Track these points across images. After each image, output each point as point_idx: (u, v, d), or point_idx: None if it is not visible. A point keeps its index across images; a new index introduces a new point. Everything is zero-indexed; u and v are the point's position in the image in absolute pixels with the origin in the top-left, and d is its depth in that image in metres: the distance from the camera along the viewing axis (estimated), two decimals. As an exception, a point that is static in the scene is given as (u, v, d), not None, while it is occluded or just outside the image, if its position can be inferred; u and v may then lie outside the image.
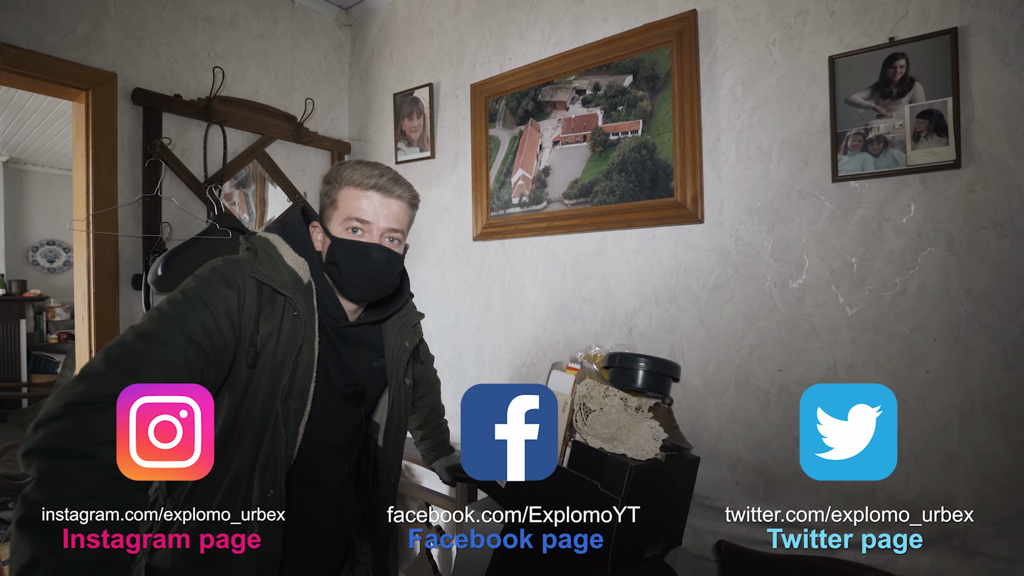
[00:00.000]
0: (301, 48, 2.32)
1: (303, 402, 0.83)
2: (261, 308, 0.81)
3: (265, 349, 0.80)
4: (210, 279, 0.79)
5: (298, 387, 0.82)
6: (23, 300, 4.59)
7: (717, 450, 1.42)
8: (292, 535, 0.88)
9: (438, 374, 1.44)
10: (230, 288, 0.79)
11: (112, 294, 1.77)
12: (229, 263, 0.83)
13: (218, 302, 0.77)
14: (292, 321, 0.82)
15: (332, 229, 0.89)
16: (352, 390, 0.94)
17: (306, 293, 0.85)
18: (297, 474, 0.88)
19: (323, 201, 0.91)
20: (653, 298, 1.54)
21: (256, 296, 0.81)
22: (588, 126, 1.66)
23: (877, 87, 1.18)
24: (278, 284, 0.82)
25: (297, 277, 0.85)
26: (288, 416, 0.81)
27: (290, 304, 0.83)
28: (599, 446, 1.25)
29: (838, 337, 1.25)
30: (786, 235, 1.32)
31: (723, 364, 1.42)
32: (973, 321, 1.11)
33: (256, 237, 0.89)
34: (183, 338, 0.73)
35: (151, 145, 1.81)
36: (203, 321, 0.75)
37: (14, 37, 1.58)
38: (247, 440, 0.80)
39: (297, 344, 0.82)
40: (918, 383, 1.17)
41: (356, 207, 0.87)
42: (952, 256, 1.13)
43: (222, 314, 0.77)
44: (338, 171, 0.89)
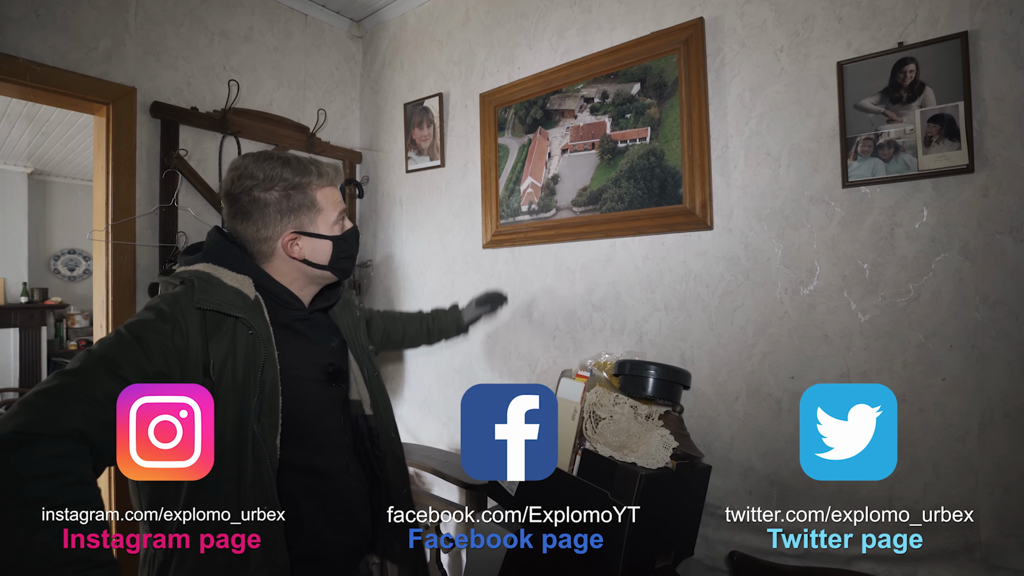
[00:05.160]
0: (314, 60, 2.36)
1: (275, 417, 0.82)
2: (208, 336, 0.80)
3: (223, 374, 0.79)
4: (144, 316, 0.78)
5: (268, 404, 0.82)
6: (44, 308, 4.70)
7: (729, 459, 1.40)
8: (308, 539, 0.88)
9: (452, 383, 1.47)
10: (165, 322, 0.77)
11: (130, 302, 1.80)
12: (164, 299, 0.82)
13: (151, 337, 0.75)
14: (249, 340, 0.82)
15: (326, 230, 0.93)
16: (332, 369, 0.98)
17: (255, 308, 0.85)
18: (299, 467, 0.89)
19: (288, 205, 0.89)
20: (663, 305, 1.54)
21: (199, 325, 0.79)
22: (596, 134, 1.66)
23: (887, 92, 1.17)
24: (226, 307, 0.81)
25: (243, 295, 0.84)
26: (265, 433, 0.81)
27: (243, 324, 0.82)
28: (609, 454, 1.24)
29: (851, 344, 1.24)
30: (796, 241, 1.31)
31: (734, 371, 1.40)
32: (990, 328, 1.09)
33: (185, 271, 0.85)
34: (108, 375, 0.70)
35: (168, 156, 1.86)
36: (133, 358, 0.73)
37: (40, 55, 1.64)
38: (225, 467, 0.79)
39: (260, 362, 0.81)
40: (935, 391, 1.15)
41: (337, 201, 0.96)
42: (967, 261, 1.11)
43: (155, 349, 0.75)
44: (290, 175, 0.88)
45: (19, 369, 4.60)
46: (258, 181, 0.88)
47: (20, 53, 1.60)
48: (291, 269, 0.93)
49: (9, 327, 4.54)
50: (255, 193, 0.88)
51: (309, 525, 0.89)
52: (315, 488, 0.92)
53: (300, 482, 0.89)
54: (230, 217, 0.91)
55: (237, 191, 0.88)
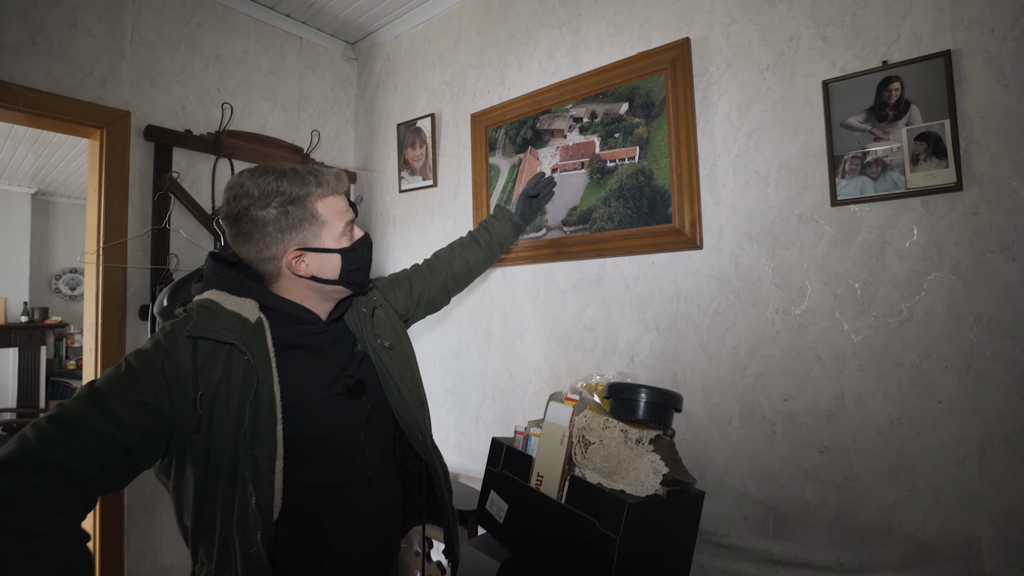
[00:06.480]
0: (308, 82, 2.39)
1: (272, 447, 0.79)
2: (199, 366, 0.78)
3: (216, 402, 0.78)
4: (143, 347, 0.79)
5: (263, 432, 0.78)
6: (44, 327, 4.71)
7: (723, 483, 1.36)
8: (337, 555, 0.87)
9: (444, 404, 1.43)
10: (158, 352, 0.78)
11: (119, 324, 1.80)
12: (162, 328, 0.82)
13: (142, 366, 0.76)
14: (244, 366, 0.79)
15: (332, 243, 0.89)
16: (351, 382, 0.92)
17: (255, 332, 0.82)
18: (321, 486, 0.87)
19: (288, 222, 0.85)
20: (654, 325, 1.51)
21: (190, 354, 0.78)
22: (585, 153, 1.66)
23: (873, 110, 1.16)
24: (219, 334, 0.79)
25: (242, 319, 0.82)
26: (258, 464, 0.77)
27: (237, 350, 0.80)
28: (597, 481, 1.21)
29: (844, 365, 1.21)
30: (787, 260, 1.29)
31: (727, 393, 1.37)
32: (985, 349, 1.06)
33: (192, 301, 0.85)
34: (95, 408, 0.71)
35: (161, 179, 1.86)
36: (122, 389, 0.74)
37: (36, 80, 1.66)
38: (221, 498, 0.77)
39: (251, 389, 0.78)
40: (930, 414, 1.12)
41: (342, 210, 0.91)
42: (959, 280, 1.09)
43: (145, 379, 0.76)
44: (287, 188, 0.85)
45: (17, 389, 4.60)
46: (254, 199, 0.84)
47: (16, 80, 1.62)
48: (301, 287, 0.90)
49: (8, 347, 4.54)
50: (252, 212, 0.84)
51: (337, 541, 0.87)
52: (341, 504, 0.89)
53: (323, 501, 0.87)
54: (232, 240, 0.88)
55: (234, 212, 0.85)
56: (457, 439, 2.05)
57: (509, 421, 1.86)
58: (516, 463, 1.38)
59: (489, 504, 1.41)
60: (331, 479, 0.89)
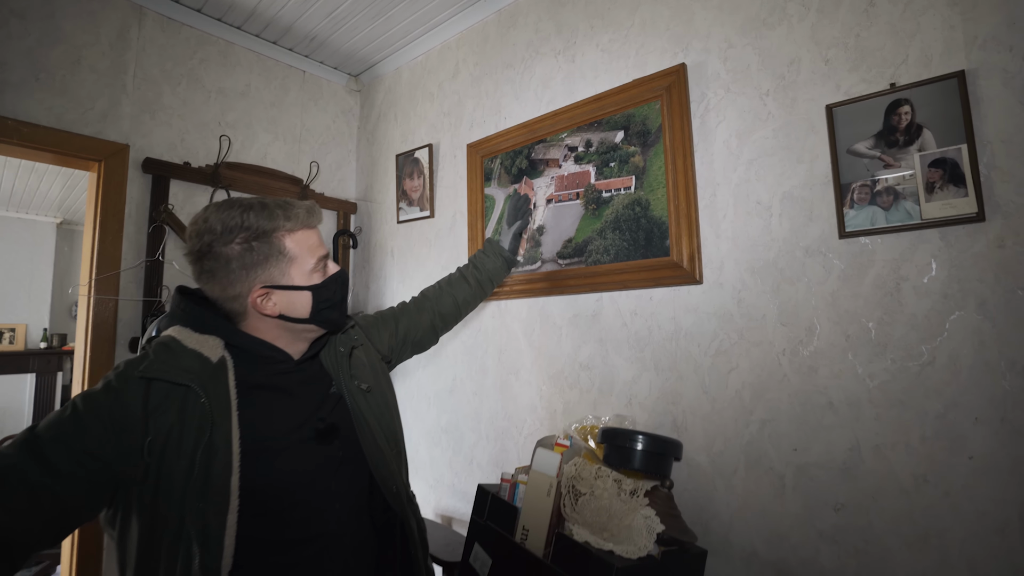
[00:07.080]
0: (311, 114, 2.40)
1: (224, 499, 0.72)
2: (150, 409, 0.72)
3: (167, 449, 0.71)
4: (94, 388, 0.74)
5: (215, 482, 0.71)
6: (61, 353, 4.78)
7: (729, 541, 1.24)
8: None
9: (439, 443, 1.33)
10: (107, 395, 0.72)
11: (108, 357, 1.77)
12: (116, 368, 0.76)
13: (88, 410, 0.70)
14: (199, 410, 0.73)
15: (302, 280, 0.84)
16: (322, 426, 0.86)
17: (215, 373, 0.77)
18: (281, 541, 0.78)
19: (252, 259, 0.81)
20: (652, 365, 1.41)
21: (141, 396, 0.72)
22: (581, 183, 1.60)
23: (881, 135, 1.08)
24: (173, 374, 0.73)
25: (203, 358, 0.77)
26: (207, 518, 0.70)
27: (193, 392, 0.74)
28: (584, 540, 1.10)
29: (860, 413, 1.09)
30: (793, 296, 1.19)
31: (731, 441, 1.26)
32: (1021, 398, 0.94)
33: (152, 341, 0.80)
34: (27, 457, 0.66)
35: (156, 211, 1.86)
36: (64, 437, 0.68)
37: (35, 115, 1.68)
38: (165, 557, 0.70)
39: (205, 435, 0.72)
40: (961, 471, 0.99)
41: (314, 245, 0.87)
42: (986, 321, 0.97)
43: (91, 425, 0.69)
44: (252, 222, 0.80)
45: (32, 414, 4.65)
46: (217, 235, 0.80)
47: (18, 115, 1.64)
48: (271, 326, 0.85)
49: (26, 372, 4.62)
50: (216, 248, 0.80)
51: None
52: (307, 563, 0.80)
53: (285, 560, 0.79)
54: (195, 277, 0.84)
55: (197, 248, 0.81)
56: (451, 480, 1.95)
57: (503, 463, 1.76)
58: (501, 514, 1.28)
59: (473, 558, 1.30)
60: (295, 534, 0.80)
